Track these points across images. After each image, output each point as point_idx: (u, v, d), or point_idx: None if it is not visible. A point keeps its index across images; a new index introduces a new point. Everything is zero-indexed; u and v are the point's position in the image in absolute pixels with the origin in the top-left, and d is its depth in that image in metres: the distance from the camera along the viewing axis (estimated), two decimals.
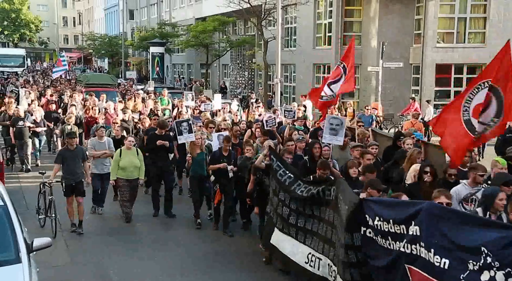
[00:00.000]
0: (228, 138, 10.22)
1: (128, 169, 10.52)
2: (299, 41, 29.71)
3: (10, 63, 55.41)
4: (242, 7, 30.16)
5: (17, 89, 24.47)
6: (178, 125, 10.65)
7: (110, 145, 11.22)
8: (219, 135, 11.16)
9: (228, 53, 38.68)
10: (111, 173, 10.63)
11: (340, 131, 9.61)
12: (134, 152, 10.69)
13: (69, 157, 9.93)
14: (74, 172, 9.93)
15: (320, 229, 6.78)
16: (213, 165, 9.99)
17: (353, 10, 27.08)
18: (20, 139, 15.02)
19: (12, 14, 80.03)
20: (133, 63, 61.39)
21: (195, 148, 10.41)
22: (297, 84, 30.36)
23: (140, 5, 63.01)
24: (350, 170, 8.06)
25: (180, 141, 10.70)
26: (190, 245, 9.51)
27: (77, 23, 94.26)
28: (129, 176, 10.57)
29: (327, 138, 9.64)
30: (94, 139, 11.38)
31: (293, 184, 7.34)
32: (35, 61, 79.98)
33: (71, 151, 10.00)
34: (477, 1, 24.51)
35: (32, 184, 13.58)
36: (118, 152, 10.64)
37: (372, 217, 5.74)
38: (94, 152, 11.02)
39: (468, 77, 24.91)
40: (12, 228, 6.05)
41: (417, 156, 8.54)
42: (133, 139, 10.91)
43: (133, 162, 10.56)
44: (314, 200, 6.90)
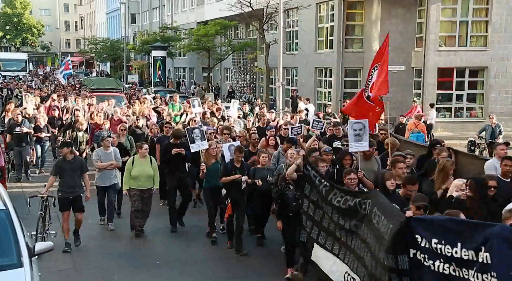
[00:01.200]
0: (240, 148, 9.55)
1: (140, 179, 9.88)
2: (301, 44, 29.71)
3: (12, 67, 55.60)
4: (244, 11, 30.19)
5: (21, 94, 24.04)
6: (189, 133, 10.02)
7: (117, 155, 10.62)
8: (230, 145, 10.57)
9: (230, 57, 38.71)
10: (124, 183, 9.96)
11: (364, 136, 8.93)
12: (148, 160, 10.03)
13: (66, 169, 9.10)
14: (71, 185, 9.13)
15: (356, 246, 6.16)
16: (225, 177, 9.31)
17: (355, 14, 27.07)
18: (17, 145, 14.38)
19: (14, 18, 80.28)
20: (135, 67, 61.47)
21: (209, 157, 9.87)
22: (299, 88, 30.34)
23: (142, 9, 63.15)
24: (387, 182, 7.30)
25: (192, 149, 10.07)
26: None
27: (79, 27, 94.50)
28: (141, 186, 9.89)
29: (353, 147, 8.92)
30: (99, 150, 10.72)
31: (329, 193, 6.78)
32: (37, 66, 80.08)
33: (68, 162, 9.16)
34: (479, 5, 24.50)
35: (34, 189, 13.58)
36: (130, 160, 10.02)
37: (427, 239, 5.03)
38: (100, 163, 10.39)
39: (470, 81, 24.92)
40: (14, 232, 6.04)
41: (451, 168, 7.80)
42: (147, 146, 10.28)
43: (146, 171, 9.91)
44: (351, 213, 6.29)
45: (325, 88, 28.56)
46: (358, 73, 27.32)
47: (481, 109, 25.17)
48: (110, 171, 10.42)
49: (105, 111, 17.06)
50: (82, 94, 24.23)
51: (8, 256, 5.85)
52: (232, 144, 10.58)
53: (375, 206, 5.75)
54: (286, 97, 30.71)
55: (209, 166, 9.77)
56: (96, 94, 22.35)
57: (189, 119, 15.26)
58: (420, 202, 6.04)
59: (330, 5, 27.44)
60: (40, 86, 35.53)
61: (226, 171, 9.38)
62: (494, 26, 24.23)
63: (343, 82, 27.27)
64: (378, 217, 5.57)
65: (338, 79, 26.99)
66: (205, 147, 9.96)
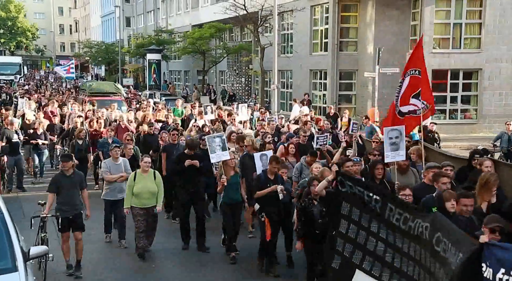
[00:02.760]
0: (276, 158, 8.78)
1: (142, 196, 8.95)
2: (295, 47, 29.78)
3: (6, 71, 55.34)
4: (238, 14, 30.24)
5: (16, 99, 23.40)
6: (210, 142, 9.20)
7: (127, 166, 9.89)
8: (261, 155, 9.73)
9: (225, 60, 38.75)
10: (125, 200, 9.07)
11: (401, 144, 8.21)
12: (151, 175, 9.12)
13: (65, 185, 8.29)
14: (71, 202, 8.30)
15: (415, 273, 5.40)
16: (260, 191, 8.43)
17: (349, 16, 27.16)
18: (13, 154, 13.53)
19: (8, 22, 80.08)
20: (130, 70, 61.43)
21: (228, 169, 9.11)
22: (294, 90, 30.40)
23: (137, 12, 63.13)
24: (447, 204, 6.39)
25: (212, 160, 9.27)
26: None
27: (73, 31, 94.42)
28: (144, 204, 8.98)
29: (389, 157, 8.17)
30: (108, 161, 9.96)
31: (385, 210, 5.80)
32: (33, 69, 79.85)
33: (67, 177, 8.33)
34: (472, 7, 24.62)
35: (29, 193, 13.51)
36: (132, 176, 9.11)
37: (493, 268, 4.42)
38: (109, 175, 9.66)
39: (464, 82, 25.02)
40: (8, 236, 6.03)
41: (494, 184, 6.87)
42: (149, 159, 9.26)
43: (148, 187, 8.98)
44: (411, 235, 5.43)
45: (320, 90, 28.62)
46: (353, 75, 27.40)
47: (475, 111, 25.27)
48: (120, 183, 9.63)
49: (106, 117, 16.42)
50: (80, 99, 23.63)
51: (2, 261, 5.83)
52: (264, 154, 9.77)
53: (438, 231, 5.01)
54: (281, 99, 30.78)
55: (228, 179, 9.01)
56: (95, 99, 21.69)
57: (200, 125, 14.59)
58: (494, 224, 5.22)
59: (325, 7, 27.51)
60: (34, 90, 35.07)
61: (260, 184, 8.53)
62: (487, 28, 24.35)
63: (338, 84, 27.34)
64: (444, 244, 4.85)
65: (333, 82, 27.06)
66: (226, 158, 9.15)
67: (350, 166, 8.12)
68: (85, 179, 8.85)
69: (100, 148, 12.93)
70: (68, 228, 8.32)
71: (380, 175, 8.09)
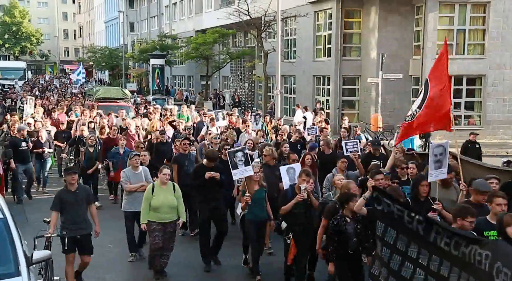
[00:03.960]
0: (307, 172, 7.98)
1: (161, 210, 8.24)
2: (299, 52, 29.82)
3: (11, 76, 55.63)
4: (242, 19, 30.31)
5: (23, 105, 22.64)
6: (231, 156, 8.41)
7: (147, 175, 9.37)
8: (288, 168, 8.84)
9: (228, 65, 38.80)
10: (142, 215, 8.34)
11: (444, 161, 7.50)
12: (170, 188, 8.42)
13: (69, 201, 7.63)
14: (77, 220, 7.64)
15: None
16: (286, 205, 7.71)
17: (353, 22, 27.20)
18: (23, 163, 12.93)
19: (13, 27, 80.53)
20: (134, 75, 61.59)
21: (252, 184, 8.37)
22: (297, 96, 30.42)
23: (141, 17, 63.38)
24: (508, 229, 5.37)
25: (235, 176, 8.51)
26: None
27: (77, 36, 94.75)
28: (163, 218, 8.26)
29: (433, 175, 7.40)
30: (127, 170, 9.40)
31: (430, 232, 5.12)
32: (38, 74, 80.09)
33: (72, 192, 7.68)
34: (476, 13, 24.64)
35: (33, 196, 13.53)
36: (150, 188, 8.40)
37: None
38: (129, 185, 9.12)
39: (468, 88, 24.99)
40: (11, 241, 6.01)
41: None
42: (169, 171, 8.52)
43: (168, 201, 8.28)
44: (464, 262, 4.76)
45: (323, 96, 28.63)
46: (356, 81, 27.42)
47: (479, 117, 25.23)
48: (140, 193, 8.88)
49: (117, 124, 15.79)
50: (87, 104, 22.92)
51: (5, 265, 5.83)
52: (291, 167, 8.89)
53: (498, 261, 4.39)
54: (285, 105, 30.81)
55: (252, 195, 8.25)
56: (102, 104, 21.17)
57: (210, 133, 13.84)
58: None
59: (328, 13, 27.57)
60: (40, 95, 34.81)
61: (287, 200, 7.77)
62: (491, 34, 24.36)
63: (341, 90, 27.36)
64: (505, 275, 4.31)
65: (336, 87, 27.07)
66: (250, 174, 8.36)
67: (380, 179, 7.51)
68: (96, 191, 8.46)
69: (111, 158, 12.50)
70: (74, 249, 7.61)
71: (425, 193, 7.36)
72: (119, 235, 9.68)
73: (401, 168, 8.85)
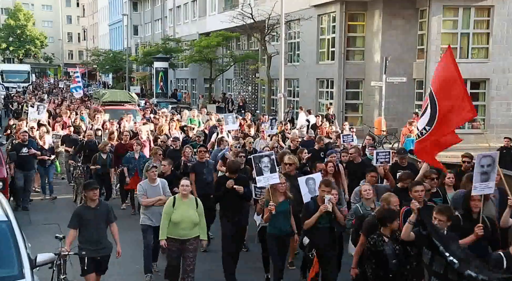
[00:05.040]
0: (328, 182, 7.46)
1: (181, 226, 7.57)
2: (302, 56, 29.83)
3: (15, 78, 55.89)
4: (245, 22, 30.36)
5: (27, 108, 21.70)
6: (256, 162, 7.84)
7: (166, 188, 8.72)
8: (308, 179, 8.24)
9: (232, 68, 38.84)
10: (161, 230, 7.67)
11: (492, 174, 6.76)
12: (192, 201, 7.74)
13: (89, 219, 7.10)
14: (97, 240, 7.13)
15: None
16: (309, 219, 7.17)
17: (356, 26, 27.20)
18: (23, 169, 12.38)
19: (17, 30, 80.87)
20: (137, 78, 61.74)
21: (277, 195, 7.75)
22: (300, 99, 30.42)
23: (144, 20, 63.54)
24: None
25: (259, 183, 7.87)
26: None
27: (81, 39, 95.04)
28: (184, 235, 7.58)
29: (478, 188, 6.67)
30: (144, 183, 8.78)
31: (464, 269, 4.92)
32: (42, 77, 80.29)
33: (92, 209, 7.13)
34: (480, 17, 24.61)
35: (36, 198, 13.54)
36: (170, 201, 7.74)
37: None
38: (146, 199, 8.51)
39: (472, 92, 24.93)
40: (15, 243, 6.02)
41: None
42: (188, 182, 7.87)
43: (190, 216, 7.61)
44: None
45: (327, 99, 28.62)
46: (359, 84, 27.39)
47: (483, 120, 25.18)
48: (158, 207, 8.34)
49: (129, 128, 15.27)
50: (93, 108, 22.58)
51: (9, 268, 5.83)
52: (310, 177, 8.30)
53: None
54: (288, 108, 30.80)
55: (276, 206, 7.63)
56: (109, 108, 20.66)
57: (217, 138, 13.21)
58: None
59: (332, 17, 27.58)
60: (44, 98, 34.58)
61: (309, 213, 7.21)
62: (495, 38, 24.32)
63: (345, 93, 27.34)
64: None
65: (340, 91, 27.06)
66: (276, 181, 7.76)
67: (420, 191, 6.89)
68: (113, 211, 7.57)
69: (126, 164, 12.05)
70: (92, 270, 7.14)
71: (478, 208, 6.52)
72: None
73: (431, 178, 7.95)
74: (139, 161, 11.84)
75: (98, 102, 23.67)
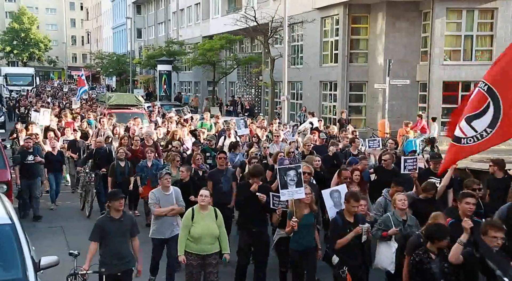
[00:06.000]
0: (356, 196, 6.85)
1: (202, 240, 7.02)
2: (305, 58, 29.84)
3: (19, 81, 56.05)
4: (249, 25, 30.39)
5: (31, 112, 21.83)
6: (282, 174, 7.17)
7: (179, 197, 8.17)
8: (332, 191, 7.66)
9: (235, 71, 38.87)
10: (179, 244, 7.10)
11: None
12: (212, 214, 7.17)
13: (112, 231, 6.57)
14: (120, 254, 6.60)
15: None
16: (340, 239, 6.58)
17: (360, 28, 27.20)
18: (28, 178, 11.86)
19: (21, 33, 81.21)
20: (141, 81, 61.87)
21: (301, 207, 7.19)
22: (304, 101, 30.41)
23: (148, 23, 63.70)
24: None
25: (283, 197, 7.22)
26: None
27: (85, 42, 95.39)
28: (203, 250, 7.05)
29: None
30: (157, 191, 8.20)
31: None
32: (45, 81, 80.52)
33: (116, 221, 6.61)
34: (484, 19, 24.57)
35: (41, 201, 13.51)
36: (189, 214, 7.14)
37: None
38: (159, 209, 7.96)
39: None
40: (19, 246, 6.01)
41: None
42: (207, 192, 7.26)
43: (210, 229, 7.06)
44: None
45: (330, 101, 28.61)
46: (363, 87, 27.38)
47: None
48: (171, 218, 7.97)
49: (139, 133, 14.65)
50: (99, 111, 22.10)
51: (13, 270, 5.83)
52: (335, 190, 7.69)
53: None
54: (291, 110, 30.79)
55: (300, 220, 7.04)
56: (115, 112, 19.97)
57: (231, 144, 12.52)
58: None
59: (335, 19, 27.59)
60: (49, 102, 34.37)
61: (337, 229, 6.69)
62: (499, 40, 24.26)
63: (348, 95, 27.33)
64: None
65: (343, 93, 27.05)
66: (301, 196, 7.14)
67: (472, 204, 6.24)
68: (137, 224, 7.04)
69: (139, 172, 11.41)
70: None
71: None
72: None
73: (472, 189, 7.21)
74: (152, 169, 11.30)
75: (104, 106, 23.25)
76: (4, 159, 11.55)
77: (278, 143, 13.16)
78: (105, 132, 14.91)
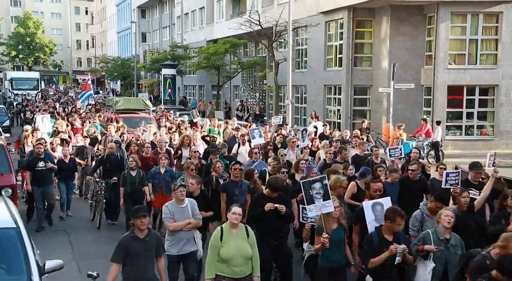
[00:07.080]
0: (401, 213, 6.28)
1: (233, 262, 6.33)
2: (310, 62, 29.85)
3: (24, 86, 56.27)
4: (253, 29, 30.45)
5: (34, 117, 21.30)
6: (306, 188, 6.68)
7: (195, 210, 7.57)
8: (375, 203, 7.00)
9: (239, 75, 38.92)
10: (208, 267, 6.42)
11: None
12: (243, 232, 6.50)
13: (137, 251, 6.16)
14: (144, 276, 6.19)
15: None
16: (375, 258, 6.14)
17: (364, 32, 27.20)
18: (40, 185, 11.43)
19: (27, 38, 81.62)
20: (145, 85, 62.03)
21: (330, 221, 6.70)
22: (308, 105, 30.41)
23: (153, 28, 63.90)
24: None
25: (310, 213, 6.72)
26: None
27: (90, 46, 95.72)
28: (236, 273, 6.35)
29: None
30: (170, 204, 7.53)
31: None
32: (49, 85, 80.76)
33: (140, 240, 6.18)
34: (488, 23, 24.52)
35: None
36: (217, 233, 6.48)
37: None
38: (174, 223, 7.34)
39: (481, 99, 24.83)
40: (24, 250, 6.02)
41: None
42: (240, 210, 6.54)
43: (242, 250, 6.38)
44: None
45: (334, 105, 28.59)
46: (367, 90, 27.36)
47: (492, 127, 25.03)
48: (187, 232, 7.40)
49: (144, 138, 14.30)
50: (105, 116, 21.73)
51: (18, 274, 5.84)
52: (378, 202, 7.01)
53: None
54: (296, 114, 30.80)
55: (330, 236, 6.53)
56: (123, 116, 19.54)
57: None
58: None
59: (339, 23, 27.59)
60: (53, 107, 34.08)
61: (372, 247, 6.21)
62: (503, 44, 24.21)
63: (353, 99, 27.31)
64: None
65: (348, 97, 27.03)
66: (330, 210, 6.65)
67: None
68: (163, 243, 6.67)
69: (150, 179, 10.91)
70: None
71: None
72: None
73: None
74: (165, 176, 10.87)
75: (111, 110, 22.76)
76: (9, 163, 11.53)
77: (293, 149, 12.42)
78: (112, 139, 14.34)
